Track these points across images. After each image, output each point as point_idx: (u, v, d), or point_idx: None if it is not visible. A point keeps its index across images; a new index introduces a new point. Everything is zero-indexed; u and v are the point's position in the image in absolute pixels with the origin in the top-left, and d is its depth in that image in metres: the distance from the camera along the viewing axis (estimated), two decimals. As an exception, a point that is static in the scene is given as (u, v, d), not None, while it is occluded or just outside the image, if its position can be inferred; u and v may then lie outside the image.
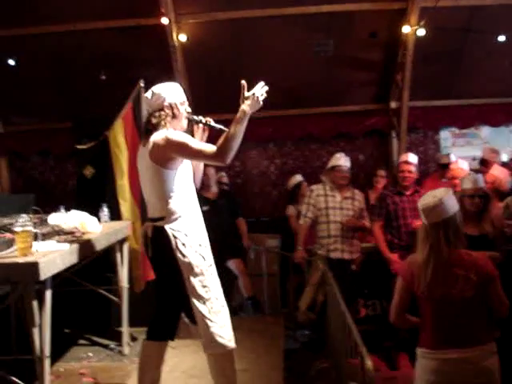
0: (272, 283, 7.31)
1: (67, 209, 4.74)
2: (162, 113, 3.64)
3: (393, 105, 8.01)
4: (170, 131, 3.56)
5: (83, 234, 4.38)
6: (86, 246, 4.10)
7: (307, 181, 7.21)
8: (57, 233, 4.27)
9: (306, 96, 7.93)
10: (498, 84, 7.91)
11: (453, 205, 3.17)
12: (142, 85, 5.47)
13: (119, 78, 6.19)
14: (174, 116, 3.68)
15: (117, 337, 5.37)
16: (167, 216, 3.56)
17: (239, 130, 3.46)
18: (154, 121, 3.65)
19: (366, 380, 2.74)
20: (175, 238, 3.51)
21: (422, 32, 6.82)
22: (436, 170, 8.13)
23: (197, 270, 3.53)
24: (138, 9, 6.96)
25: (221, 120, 8.26)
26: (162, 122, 3.63)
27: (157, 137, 3.52)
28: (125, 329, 5.28)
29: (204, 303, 3.52)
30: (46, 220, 4.45)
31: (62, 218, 4.41)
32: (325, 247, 5.82)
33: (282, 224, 7.51)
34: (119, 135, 5.56)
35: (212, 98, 7.85)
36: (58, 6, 6.89)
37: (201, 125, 3.77)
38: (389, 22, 7.21)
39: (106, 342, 5.55)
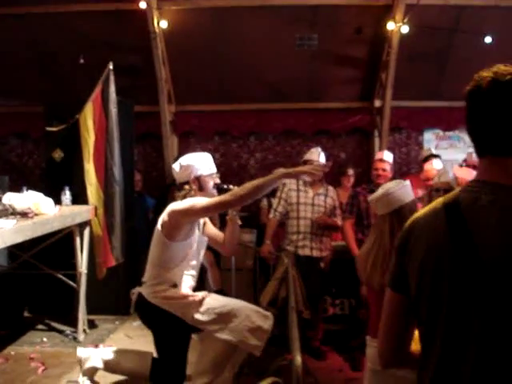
0: (245, 278, 7.20)
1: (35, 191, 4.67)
2: (187, 186, 3.71)
3: (377, 103, 7.89)
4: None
5: (36, 214, 4.28)
6: (34, 227, 4.00)
7: (287, 176, 7.12)
8: (9, 212, 4.17)
9: (289, 90, 7.82)
10: (483, 87, 7.77)
11: (402, 197, 3.08)
12: (111, 67, 5.36)
13: (98, 63, 6.08)
14: (200, 189, 3.71)
15: (76, 323, 5.29)
16: (148, 281, 3.65)
17: (263, 186, 3.36)
18: (180, 193, 3.71)
19: (293, 375, 2.64)
20: (154, 298, 3.58)
21: (405, 29, 6.70)
22: (418, 170, 8.08)
23: (189, 306, 3.60)
24: (120, -7, 6.85)
25: (203, 111, 8.25)
26: (188, 196, 3.68)
27: (171, 206, 3.59)
28: (81, 315, 5.21)
29: (216, 324, 3.61)
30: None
31: (16, 198, 4.32)
32: (293, 243, 5.70)
33: (259, 218, 7.42)
34: (89, 119, 5.47)
35: (193, 87, 7.77)
36: (37, -14, 6.79)
37: None
38: (374, 19, 7.09)
39: (63, 327, 5.47)
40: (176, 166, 3.82)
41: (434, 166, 5.59)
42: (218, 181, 3.81)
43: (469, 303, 1.48)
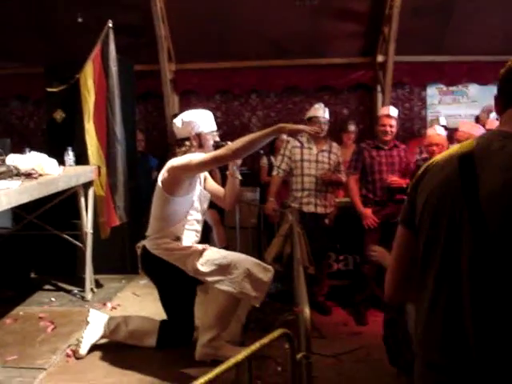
0: (250, 236, 7.23)
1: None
2: (188, 143, 3.78)
3: (379, 58, 7.78)
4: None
5: (40, 175, 4.28)
6: (39, 187, 4.00)
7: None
8: (13, 173, 4.16)
9: (291, 46, 7.70)
10: (488, 41, 7.67)
11: None
12: (110, 25, 5.29)
13: (97, 22, 5.98)
14: (200, 146, 3.78)
15: (82, 283, 5.34)
16: (151, 235, 3.78)
17: (258, 139, 3.46)
18: (181, 149, 3.79)
19: (302, 328, 2.66)
20: (156, 249, 3.74)
21: (408, -18, 6.57)
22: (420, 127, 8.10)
23: (189, 257, 3.71)
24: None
25: (204, 69, 8.14)
26: (188, 152, 3.75)
27: (170, 162, 3.70)
28: (88, 275, 5.24)
29: (216, 275, 3.68)
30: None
31: (20, 159, 4.31)
32: (298, 200, 5.72)
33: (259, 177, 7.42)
34: (89, 78, 5.41)
35: (193, 45, 7.66)
36: None
37: None
38: (377, -28, 6.95)
39: (70, 287, 5.52)
40: (177, 122, 3.85)
41: (438, 131, 5.54)
42: (217, 139, 3.85)
43: (463, 238, 1.60)
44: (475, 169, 1.62)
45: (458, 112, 8.19)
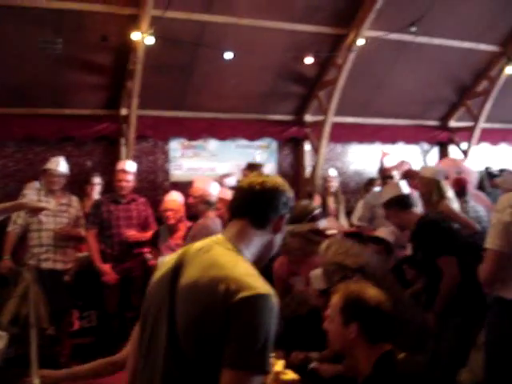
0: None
1: None
2: None
3: (123, 112, 7.88)
4: None
5: None
6: None
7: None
8: None
9: (31, 95, 7.42)
10: (225, 100, 8.29)
11: None
12: None
13: None
14: None
15: None
16: None
17: None
18: None
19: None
20: None
21: (150, 40, 6.76)
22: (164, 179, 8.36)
23: None
24: None
25: None
26: None
27: None
28: None
29: None
30: None
31: None
32: (36, 257, 5.49)
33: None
34: None
35: None
36: None
37: None
38: (120, 27, 7.02)
39: None
40: None
41: (173, 197, 5.60)
42: None
43: (161, 331, 1.79)
44: (183, 267, 1.83)
45: (199, 165, 8.60)
